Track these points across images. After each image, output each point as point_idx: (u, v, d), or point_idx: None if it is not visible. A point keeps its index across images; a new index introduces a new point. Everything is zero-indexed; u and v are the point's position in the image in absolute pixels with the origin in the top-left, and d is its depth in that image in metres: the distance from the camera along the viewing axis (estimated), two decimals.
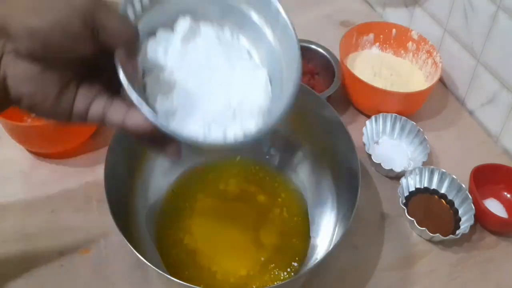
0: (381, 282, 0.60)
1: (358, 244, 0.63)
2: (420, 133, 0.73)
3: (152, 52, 0.43)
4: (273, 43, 0.47)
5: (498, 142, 0.78)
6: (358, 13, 0.99)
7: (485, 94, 0.78)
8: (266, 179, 0.68)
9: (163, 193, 0.65)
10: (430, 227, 0.62)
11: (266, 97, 0.45)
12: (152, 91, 0.42)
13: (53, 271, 0.59)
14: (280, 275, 0.59)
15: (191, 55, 0.44)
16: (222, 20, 0.47)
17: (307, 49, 0.82)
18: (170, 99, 0.42)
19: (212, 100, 0.43)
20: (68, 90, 0.38)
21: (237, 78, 0.45)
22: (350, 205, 0.56)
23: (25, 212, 0.64)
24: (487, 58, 0.76)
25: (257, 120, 0.44)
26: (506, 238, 0.66)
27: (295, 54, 0.44)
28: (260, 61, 0.48)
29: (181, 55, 0.44)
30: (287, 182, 0.67)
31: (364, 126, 0.73)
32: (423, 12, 0.88)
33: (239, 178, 0.67)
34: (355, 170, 0.58)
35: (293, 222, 0.64)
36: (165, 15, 0.45)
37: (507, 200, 0.68)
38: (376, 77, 0.80)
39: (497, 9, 0.72)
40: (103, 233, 0.62)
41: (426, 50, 0.81)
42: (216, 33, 0.46)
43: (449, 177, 0.67)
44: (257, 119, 0.44)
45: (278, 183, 0.67)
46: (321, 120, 0.65)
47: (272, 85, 0.47)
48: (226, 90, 0.44)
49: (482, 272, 0.62)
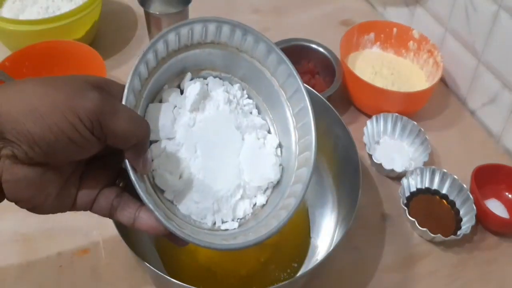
0: (382, 283, 0.60)
1: (359, 245, 0.63)
2: (421, 133, 0.72)
3: (159, 119, 0.41)
4: (286, 110, 0.46)
5: (499, 142, 0.78)
6: (359, 12, 0.99)
7: (487, 94, 0.78)
8: None
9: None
10: (431, 227, 0.62)
11: (276, 169, 0.45)
12: (159, 168, 0.40)
13: (52, 272, 0.58)
14: (280, 276, 0.59)
15: (199, 126, 0.42)
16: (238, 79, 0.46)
17: (307, 48, 0.81)
18: (178, 180, 0.40)
19: (222, 181, 0.42)
20: (70, 185, 0.36)
21: (246, 151, 0.44)
22: (351, 205, 0.56)
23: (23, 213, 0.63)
24: (489, 57, 0.76)
25: (267, 194, 0.45)
26: (508, 239, 0.65)
27: (311, 140, 0.44)
28: (270, 122, 0.47)
29: (189, 126, 0.42)
30: None
31: (365, 126, 0.73)
32: (424, 11, 0.87)
33: None
34: (355, 170, 0.57)
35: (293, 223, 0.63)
36: (172, 71, 0.43)
37: (509, 200, 0.68)
38: (377, 76, 0.80)
39: (499, 9, 0.71)
40: (101, 234, 0.62)
41: (427, 50, 0.80)
42: (225, 95, 0.44)
43: (450, 177, 0.67)
44: (266, 193, 0.45)
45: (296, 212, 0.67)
46: (321, 120, 0.64)
47: (283, 149, 0.46)
48: (235, 170, 0.43)
49: (483, 273, 0.62)
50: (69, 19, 0.77)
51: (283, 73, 0.45)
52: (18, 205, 0.35)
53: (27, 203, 0.34)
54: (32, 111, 0.31)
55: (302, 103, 0.44)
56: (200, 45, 0.43)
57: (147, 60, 0.39)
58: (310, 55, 0.81)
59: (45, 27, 0.75)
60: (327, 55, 0.80)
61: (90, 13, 0.79)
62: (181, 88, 0.44)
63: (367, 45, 0.85)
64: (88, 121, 0.32)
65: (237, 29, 0.43)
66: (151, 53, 0.39)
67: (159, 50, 0.40)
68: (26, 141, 0.31)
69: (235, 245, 0.39)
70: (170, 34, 0.40)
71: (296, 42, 0.81)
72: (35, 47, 0.74)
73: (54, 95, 0.32)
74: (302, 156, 0.44)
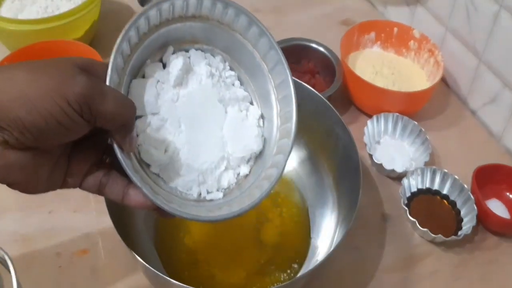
0: (383, 284, 0.60)
1: (359, 245, 0.63)
2: (422, 133, 0.72)
3: (143, 95, 0.41)
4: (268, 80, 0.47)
5: (500, 142, 0.78)
6: (359, 12, 0.99)
7: (487, 94, 0.78)
8: None
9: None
10: (432, 228, 0.62)
11: (258, 140, 0.46)
12: (144, 143, 0.41)
13: (51, 272, 0.58)
14: (280, 277, 0.58)
15: (183, 101, 0.43)
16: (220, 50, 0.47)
17: (307, 48, 0.81)
18: (163, 154, 0.41)
19: (206, 153, 0.43)
20: (60, 165, 0.37)
21: (229, 123, 0.45)
22: (351, 205, 0.56)
23: (23, 213, 0.64)
24: (490, 57, 0.75)
25: (250, 164, 0.46)
26: (509, 239, 0.65)
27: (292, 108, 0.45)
28: (253, 93, 0.47)
29: (173, 101, 0.43)
30: (287, 183, 0.67)
31: (365, 125, 0.73)
32: (425, 11, 0.87)
33: None
34: (356, 170, 0.57)
35: (293, 223, 0.63)
36: (154, 45, 0.43)
37: (510, 200, 0.67)
38: (378, 76, 0.80)
39: (500, 8, 0.71)
40: (101, 234, 0.61)
41: (428, 49, 0.80)
42: (207, 68, 0.45)
43: (451, 177, 0.67)
44: (249, 163, 0.46)
45: (278, 183, 0.67)
46: (321, 120, 0.64)
47: (265, 120, 0.47)
48: (219, 142, 0.44)
49: (484, 273, 0.62)
50: (68, 18, 0.76)
51: (264, 46, 0.45)
52: (11, 187, 0.36)
53: (19, 185, 0.35)
54: (23, 97, 0.32)
55: (283, 76, 0.45)
56: (181, 19, 0.43)
57: (129, 37, 0.40)
58: (310, 54, 0.81)
59: (44, 27, 0.75)
60: (328, 55, 0.80)
61: (89, 12, 0.79)
62: (163, 62, 0.44)
63: (368, 44, 0.85)
64: (77, 104, 0.33)
65: (218, 2, 0.43)
66: (133, 30, 0.40)
67: (141, 27, 0.40)
68: (17, 128, 0.32)
69: (219, 217, 0.41)
70: (151, 10, 0.41)
71: (296, 42, 0.81)
72: (34, 46, 0.74)
73: (44, 80, 0.32)
74: (284, 128, 0.45)
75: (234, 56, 0.47)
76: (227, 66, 0.47)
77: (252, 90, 0.47)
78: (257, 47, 0.45)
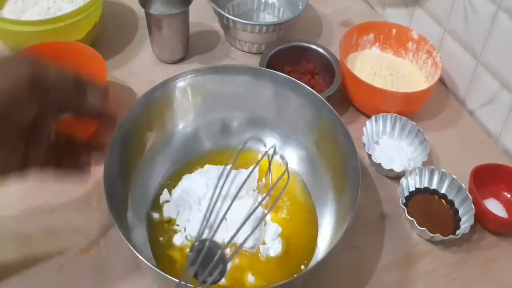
0: (381, 282, 0.60)
1: (358, 244, 0.63)
2: (420, 133, 0.73)
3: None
4: None
5: (498, 142, 0.78)
6: (358, 13, 0.99)
7: (485, 94, 0.78)
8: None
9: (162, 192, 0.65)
10: (430, 227, 0.62)
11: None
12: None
13: (53, 271, 0.59)
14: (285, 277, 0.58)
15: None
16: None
17: (307, 49, 0.82)
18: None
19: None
20: (18, 149, 0.41)
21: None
22: (350, 205, 0.56)
23: (25, 213, 0.64)
24: (487, 58, 0.76)
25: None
26: (506, 238, 0.65)
27: None
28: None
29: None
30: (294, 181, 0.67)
31: (364, 126, 0.73)
32: (423, 12, 0.88)
33: None
34: (355, 170, 0.58)
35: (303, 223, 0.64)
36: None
37: (507, 200, 0.68)
38: (376, 77, 0.80)
39: (497, 9, 0.72)
40: (102, 233, 0.62)
41: (426, 50, 0.81)
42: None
43: (449, 177, 0.67)
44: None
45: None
46: (321, 120, 0.65)
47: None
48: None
49: (482, 272, 0.62)
50: (71, 20, 0.77)
51: None
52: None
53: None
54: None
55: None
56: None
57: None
58: (310, 55, 0.82)
59: (47, 28, 0.76)
60: (327, 56, 0.80)
61: (91, 14, 0.80)
62: None
63: (367, 45, 0.85)
64: (27, 76, 0.38)
65: None
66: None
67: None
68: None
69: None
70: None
71: (296, 43, 0.82)
72: (36, 48, 0.75)
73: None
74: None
75: None
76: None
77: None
78: None
